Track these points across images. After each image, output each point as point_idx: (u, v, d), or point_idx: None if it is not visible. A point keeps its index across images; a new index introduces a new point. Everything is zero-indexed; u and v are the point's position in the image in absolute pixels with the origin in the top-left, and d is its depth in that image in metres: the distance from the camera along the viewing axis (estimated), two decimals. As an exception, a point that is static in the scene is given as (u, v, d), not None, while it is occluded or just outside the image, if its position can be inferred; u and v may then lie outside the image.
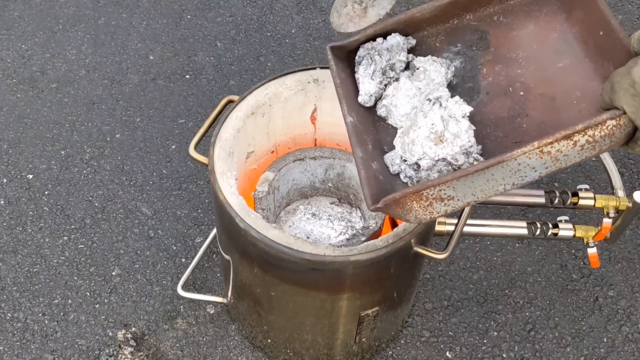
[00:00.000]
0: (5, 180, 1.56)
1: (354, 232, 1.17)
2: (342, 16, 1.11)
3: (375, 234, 1.14)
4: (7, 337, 1.35)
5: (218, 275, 1.43)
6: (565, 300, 1.42)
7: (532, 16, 0.98)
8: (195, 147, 1.12)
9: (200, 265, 1.44)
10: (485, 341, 1.37)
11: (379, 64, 0.99)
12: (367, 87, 0.99)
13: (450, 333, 1.38)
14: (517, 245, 1.49)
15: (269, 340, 1.27)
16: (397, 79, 0.99)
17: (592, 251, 1.26)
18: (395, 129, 0.98)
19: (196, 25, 1.87)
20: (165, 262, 1.45)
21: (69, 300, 1.39)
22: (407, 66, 1.01)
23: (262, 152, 1.24)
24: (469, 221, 1.22)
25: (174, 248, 1.47)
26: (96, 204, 1.53)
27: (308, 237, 1.27)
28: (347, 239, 1.13)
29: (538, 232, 1.23)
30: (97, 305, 1.39)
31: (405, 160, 0.93)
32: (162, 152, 1.62)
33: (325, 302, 1.12)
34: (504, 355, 1.35)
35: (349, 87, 1.00)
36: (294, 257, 1.01)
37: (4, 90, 1.71)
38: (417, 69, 0.99)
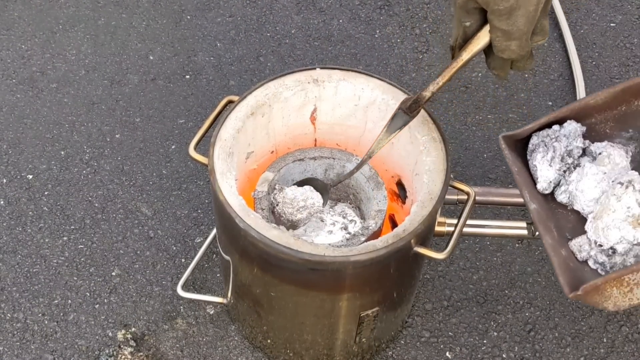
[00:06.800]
0: (5, 181, 1.56)
1: (354, 232, 1.17)
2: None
3: (375, 234, 1.14)
4: (7, 337, 1.35)
5: (218, 275, 1.43)
6: (565, 301, 1.42)
7: None
8: (195, 148, 1.13)
9: (200, 266, 1.44)
10: (485, 341, 1.37)
11: (558, 151, 0.99)
12: (546, 174, 1.00)
13: (450, 333, 1.38)
14: (517, 245, 1.49)
15: (269, 341, 1.27)
16: (576, 165, 1.00)
17: (592, 251, 1.26)
18: (575, 215, 0.99)
19: (196, 25, 1.87)
20: (165, 263, 1.45)
21: (69, 301, 1.39)
22: (584, 152, 1.02)
23: (262, 152, 1.24)
24: (469, 221, 1.22)
25: (174, 248, 1.47)
26: (96, 204, 1.53)
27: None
28: (347, 239, 1.13)
29: (538, 232, 1.23)
30: (97, 305, 1.39)
31: (600, 245, 0.93)
32: (162, 152, 1.62)
33: (325, 302, 1.12)
34: (503, 356, 1.35)
35: (525, 175, 1.01)
36: (294, 257, 1.01)
37: (4, 91, 1.71)
38: (600, 153, 1.00)
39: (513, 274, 1.45)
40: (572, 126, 1.02)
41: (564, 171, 1.01)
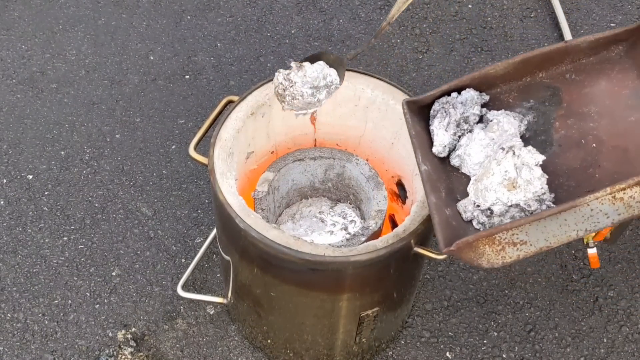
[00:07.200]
0: (5, 181, 1.56)
1: (354, 232, 1.17)
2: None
3: (375, 235, 1.14)
4: (7, 337, 1.35)
5: (218, 275, 1.43)
6: (565, 301, 1.42)
7: (604, 74, 1.03)
8: (195, 148, 1.13)
9: (200, 266, 1.44)
10: (485, 341, 1.37)
11: (454, 117, 1.03)
12: (442, 138, 1.04)
13: (450, 333, 1.38)
14: (517, 245, 1.49)
15: (269, 341, 1.27)
16: (470, 131, 1.04)
17: (592, 251, 1.26)
18: (468, 178, 1.02)
19: (196, 25, 1.87)
20: (165, 263, 1.45)
21: (69, 301, 1.39)
22: (481, 119, 1.05)
23: (262, 152, 1.24)
24: (469, 221, 1.22)
25: (174, 248, 1.47)
26: (96, 204, 1.53)
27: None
28: (347, 239, 1.13)
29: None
30: (97, 305, 1.39)
31: (478, 206, 0.97)
32: (162, 153, 1.62)
33: (325, 303, 1.12)
34: (504, 356, 1.35)
35: (423, 138, 1.05)
36: (294, 258, 1.01)
37: (4, 91, 1.72)
38: (491, 121, 1.03)
39: (513, 274, 1.45)
40: (469, 94, 1.05)
41: (459, 136, 1.04)
